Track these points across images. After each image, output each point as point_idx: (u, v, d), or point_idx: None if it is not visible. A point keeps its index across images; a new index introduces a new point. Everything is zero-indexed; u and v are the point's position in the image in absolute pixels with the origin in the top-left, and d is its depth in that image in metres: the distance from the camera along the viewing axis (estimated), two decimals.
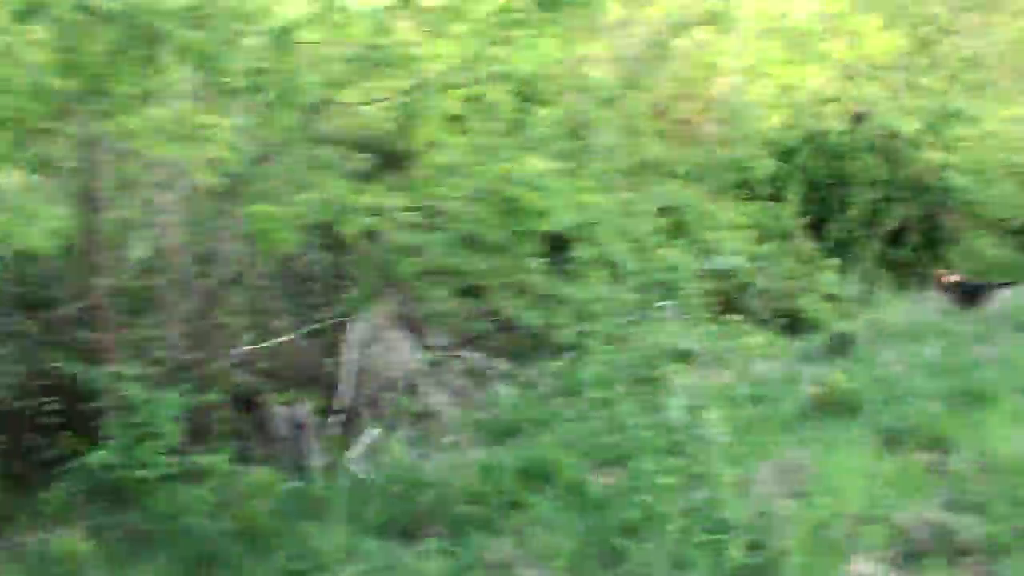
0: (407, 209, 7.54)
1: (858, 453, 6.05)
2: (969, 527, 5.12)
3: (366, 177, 8.13)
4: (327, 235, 8.33)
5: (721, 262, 9.78)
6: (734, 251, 11.96)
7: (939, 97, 16.53)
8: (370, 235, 7.92)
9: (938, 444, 6.33)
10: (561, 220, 7.68)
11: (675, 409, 5.13)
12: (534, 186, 7.29)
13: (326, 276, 9.07)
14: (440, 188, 7.93)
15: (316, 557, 5.37)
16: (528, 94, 11.10)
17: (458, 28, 8.08)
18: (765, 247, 12.45)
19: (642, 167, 12.33)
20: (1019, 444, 6.02)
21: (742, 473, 5.53)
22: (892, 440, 6.44)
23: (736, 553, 4.76)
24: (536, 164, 7.87)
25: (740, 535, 4.86)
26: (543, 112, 10.55)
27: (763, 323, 11.65)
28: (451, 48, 8.08)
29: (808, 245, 13.57)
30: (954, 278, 11.08)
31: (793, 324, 11.80)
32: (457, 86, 7.76)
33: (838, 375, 7.35)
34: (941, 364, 7.92)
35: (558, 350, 7.56)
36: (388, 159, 8.70)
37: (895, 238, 14.18)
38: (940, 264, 14.13)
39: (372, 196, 7.30)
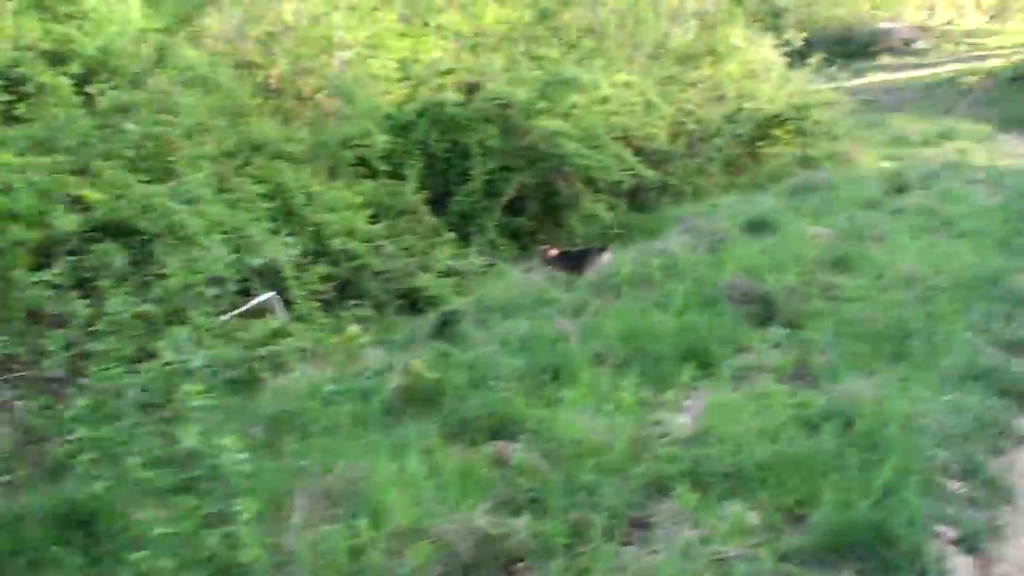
0: None
1: (420, 454, 5.52)
2: (520, 529, 4.69)
3: None
4: None
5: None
6: (345, 231, 11.31)
7: (555, 65, 16.69)
8: None
9: (509, 433, 5.95)
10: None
11: (189, 439, 4.34)
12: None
13: None
14: None
15: None
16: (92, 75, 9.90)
17: None
18: (381, 225, 11.88)
19: (244, 149, 11.35)
20: (583, 425, 5.74)
21: (278, 502, 4.85)
22: (462, 433, 5.98)
23: None
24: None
25: None
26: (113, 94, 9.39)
27: (382, 306, 11.15)
28: None
29: (430, 220, 13.20)
30: (555, 251, 11.03)
31: (414, 304, 11.37)
32: None
33: (418, 363, 6.82)
34: (531, 340, 7.61)
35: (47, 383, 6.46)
36: None
37: (515, 207, 14.11)
38: (560, 231, 14.26)
39: None
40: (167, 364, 4.48)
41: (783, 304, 8.14)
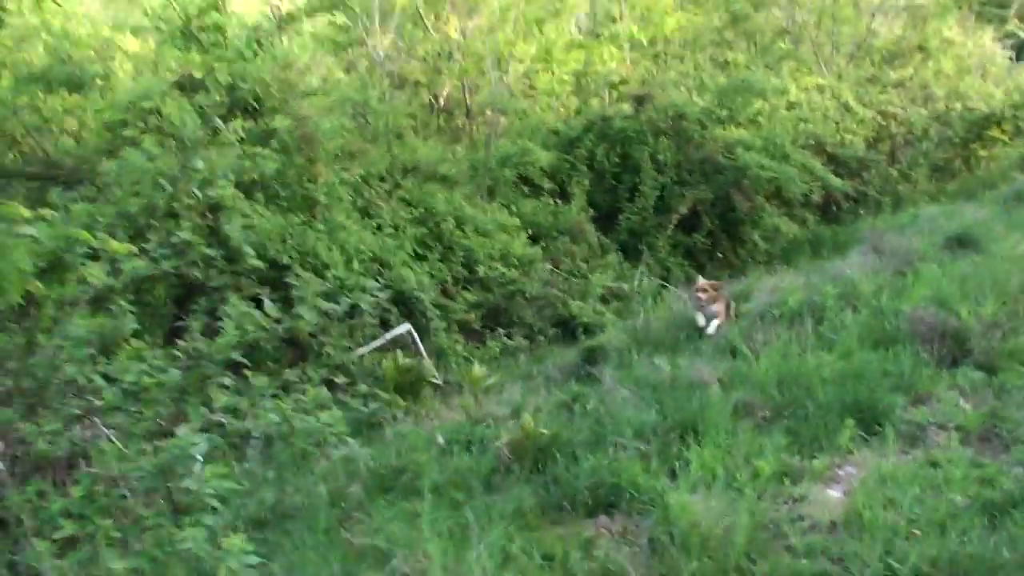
0: None
1: (507, 528, 4.63)
2: None
3: None
4: None
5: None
6: (499, 255, 10.54)
7: (741, 71, 15.44)
8: None
9: (618, 507, 4.96)
10: None
11: (193, 541, 3.60)
12: None
13: None
14: None
15: None
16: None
17: None
18: (539, 247, 11.04)
19: (395, 172, 10.79)
20: (702, 506, 4.65)
21: None
22: (565, 504, 5.06)
23: None
24: None
25: None
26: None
27: (535, 335, 10.30)
28: None
29: (596, 239, 12.27)
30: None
31: (572, 331, 10.46)
32: None
33: (530, 418, 5.89)
34: (666, 386, 6.55)
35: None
36: None
37: (689, 224, 12.94)
38: (739, 248, 13.02)
39: None
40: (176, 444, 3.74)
41: (978, 341, 6.69)
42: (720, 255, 12.98)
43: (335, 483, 6.08)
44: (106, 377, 4.01)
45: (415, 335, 8.89)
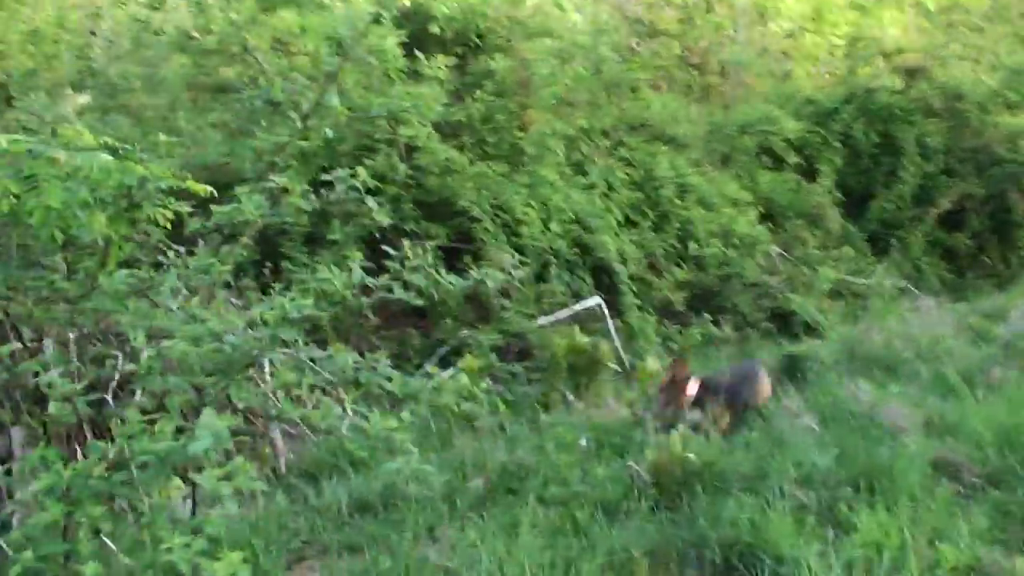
0: None
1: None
2: None
3: None
4: None
5: None
6: (720, 232, 9.49)
7: None
8: None
9: (757, 570, 4.02)
10: None
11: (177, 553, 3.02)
12: None
13: None
14: None
15: None
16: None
17: None
18: (762, 228, 9.88)
19: (620, 129, 9.92)
20: None
21: None
22: (696, 552, 4.18)
23: None
24: None
25: None
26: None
27: (746, 325, 9.22)
28: None
29: (839, 225, 10.92)
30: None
31: (790, 326, 9.29)
32: None
33: (679, 438, 4.99)
34: (854, 425, 5.44)
35: None
36: None
37: (953, 221, 11.25)
38: (1010, 254, 11.22)
39: None
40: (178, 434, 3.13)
41: None
42: (986, 260, 11.24)
43: (460, 470, 5.49)
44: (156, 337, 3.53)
45: (605, 310, 8.10)
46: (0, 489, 3.62)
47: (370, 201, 4.59)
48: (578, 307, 8.02)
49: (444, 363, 7.33)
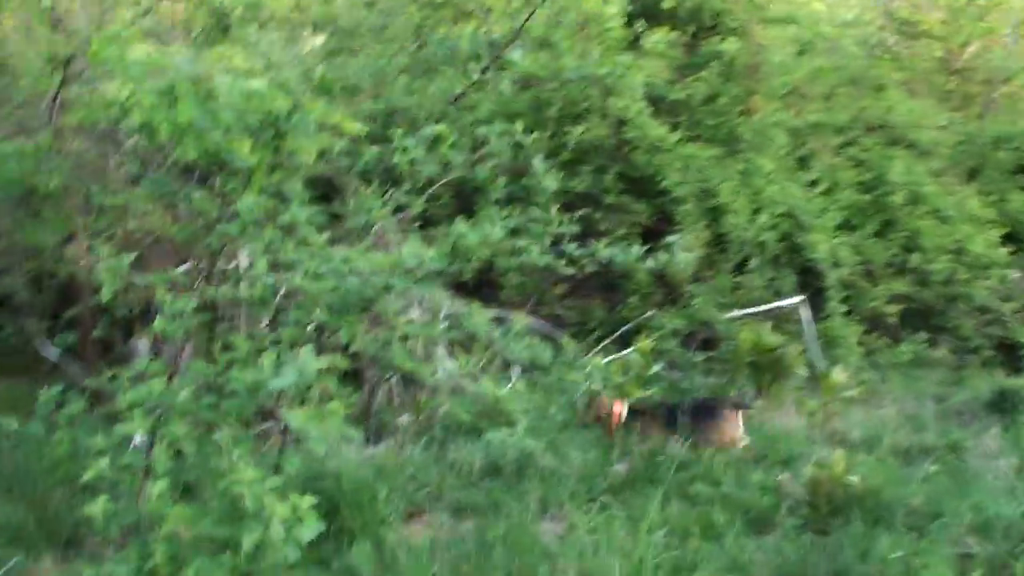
0: None
1: None
2: None
3: None
4: None
5: None
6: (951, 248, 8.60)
7: None
8: None
9: None
10: None
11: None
12: None
13: None
14: None
15: None
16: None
17: None
18: (1003, 251, 8.86)
19: (856, 127, 9.16)
20: None
21: None
22: None
23: None
24: None
25: None
26: None
27: (967, 350, 8.33)
28: None
29: None
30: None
31: (1016, 359, 8.32)
32: None
33: (841, 458, 4.46)
34: None
35: None
36: None
37: None
38: None
39: None
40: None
41: None
42: None
43: (607, 452, 5.20)
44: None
45: (807, 313, 7.51)
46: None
47: (537, 162, 4.32)
48: (777, 305, 7.49)
49: (624, 342, 7.05)
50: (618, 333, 7.27)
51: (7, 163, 4.74)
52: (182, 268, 4.44)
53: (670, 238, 4.50)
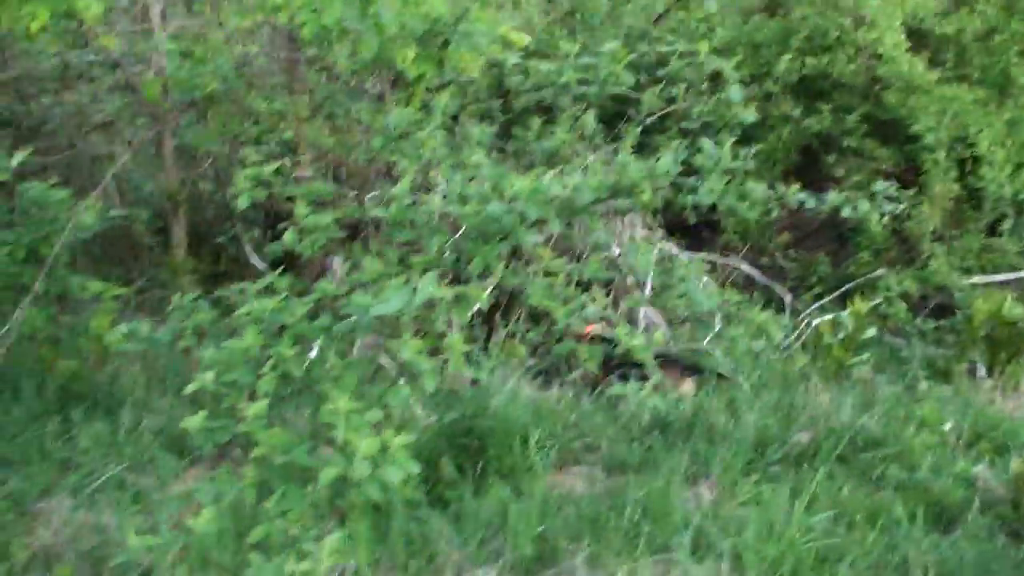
0: None
1: None
2: None
3: None
4: None
5: None
6: None
7: None
8: None
9: None
10: None
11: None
12: None
13: None
14: None
15: None
16: None
17: None
18: None
19: None
20: None
21: None
22: None
23: None
24: None
25: None
26: None
27: None
28: None
29: None
30: None
31: None
32: None
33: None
34: None
35: None
36: None
37: None
38: None
39: None
40: None
41: None
42: None
43: (789, 419, 4.72)
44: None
45: None
46: None
47: (733, 91, 3.87)
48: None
49: (845, 301, 6.43)
50: (842, 290, 6.65)
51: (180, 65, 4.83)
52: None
53: (877, 186, 3.95)
